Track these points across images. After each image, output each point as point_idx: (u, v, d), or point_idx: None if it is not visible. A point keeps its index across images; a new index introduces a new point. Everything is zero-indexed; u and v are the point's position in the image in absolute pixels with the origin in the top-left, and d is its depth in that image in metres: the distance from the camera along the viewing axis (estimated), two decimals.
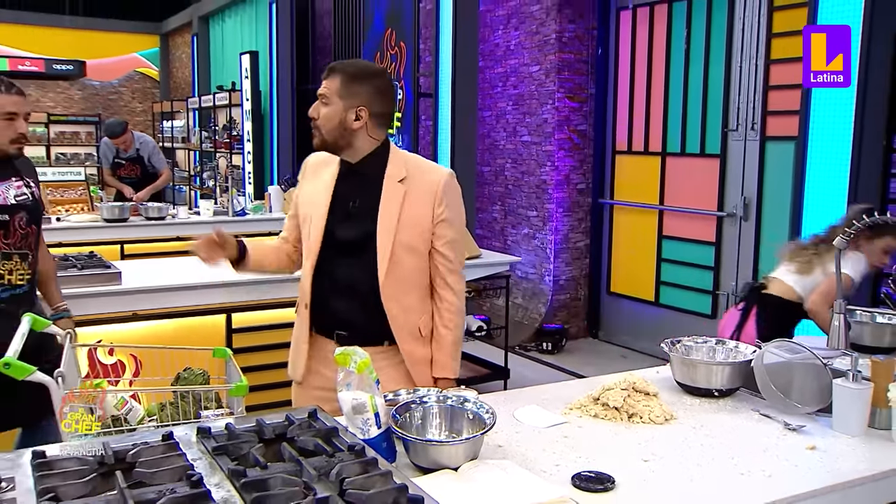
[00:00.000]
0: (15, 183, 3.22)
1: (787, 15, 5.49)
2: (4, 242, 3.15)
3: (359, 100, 2.56)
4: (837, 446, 2.14)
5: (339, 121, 2.57)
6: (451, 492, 1.69)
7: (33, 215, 3.25)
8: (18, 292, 3.19)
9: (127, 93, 18.37)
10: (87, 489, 1.55)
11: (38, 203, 3.31)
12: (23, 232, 3.20)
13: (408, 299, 2.64)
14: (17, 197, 3.20)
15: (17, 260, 3.19)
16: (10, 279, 3.17)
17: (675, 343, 2.66)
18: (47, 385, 2.16)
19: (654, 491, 1.82)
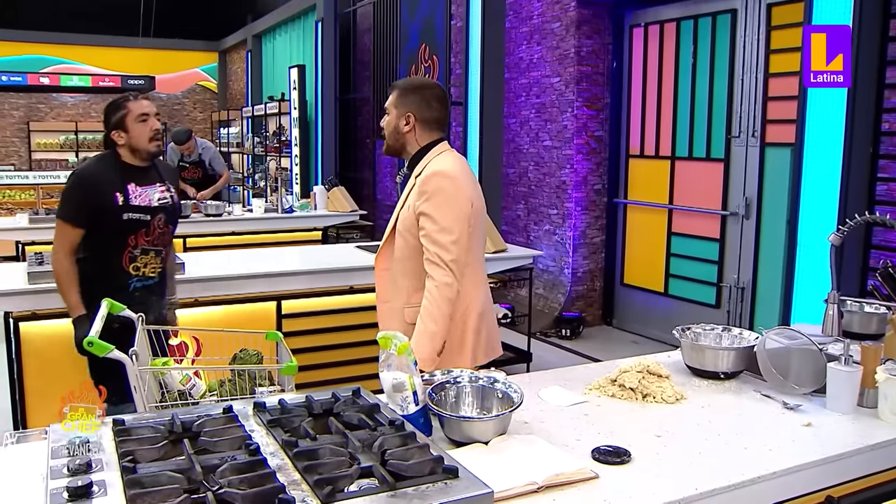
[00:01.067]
0: (159, 187, 3.38)
1: (784, 33, 5.44)
2: (145, 239, 3.32)
3: (407, 108, 2.72)
4: (830, 423, 2.12)
5: (394, 127, 2.75)
6: (483, 463, 1.69)
7: (170, 217, 3.42)
8: (149, 283, 3.36)
9: (189, 104, 18.51)
10: (160, 454, 1.58)
11: (175, 206, 3.48)
12: (160, 231, 3.36)
13: (402, 280, 2.73)
14: (159, 200, 3.35)
15: (153, 255, 3.35)
16: (144, 271, 3.34)
17: (685, 330, 2.64)
18: (123, 362, 2.19)
19: (666, 463, 1.81)
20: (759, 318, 5.71)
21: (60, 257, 3.28)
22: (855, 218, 2.50)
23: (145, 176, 3.34)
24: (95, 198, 3.22)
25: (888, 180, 4.48)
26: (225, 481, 1.41)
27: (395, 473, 1.46)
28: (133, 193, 3.27)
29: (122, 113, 3.27)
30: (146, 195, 3.31)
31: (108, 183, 3.24)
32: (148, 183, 3.34)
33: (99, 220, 3.24)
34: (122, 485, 1.42)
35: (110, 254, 3.29)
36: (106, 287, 3.18)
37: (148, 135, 3.28)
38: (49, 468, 1.51)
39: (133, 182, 3.28)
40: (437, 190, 2.61)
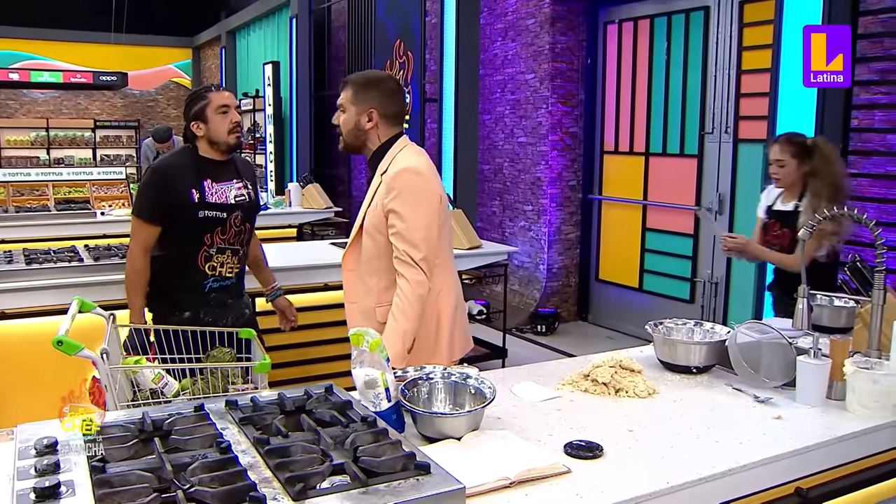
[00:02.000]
0: (236, 184, 3.25)
1: (755, 31, 5.49)
2: (221, 238, 3.18)
3: (368, 104, 2.66)
4: (800, 416, 2.14)
5: (353, 124, 2.67)
6: (455, 459, 1.69)
7: (248, 214, 3.27)
8: (227, 283, 3.23)
9: (163, 100, 18.36)
10: (130, 453, 1.56)
11: (253, 203, 3.32)
12: (237, 229, 3.22)
13: (370, 280, 2.70)
14: (236, 197, 3.22)
15: (229, 254, 3.22)
16: (221, 271, 3.21)
17: (657, 325, 2.66)
18: (94, 361, 2.17)
19: (638, 457, 1.82)
20: (733, 312, 5.76)
21: (135, 256, 3.16)
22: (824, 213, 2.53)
23: (223, 171, 3.22)
24: (170, 194, 3.09)
25: (858, 176, 4.53)
26: (196, 480, 1.40)
27: (366, 470, 1.46)
28: (209, 190, 3.14)
29: (202, 104, 3.16)
30: (223, 192, 3.18)
31: (183, 179, 3.11)
32: (225, 179, 3.21)
33: (174, 217, 3.11)
34: (91, 485, 1.41)
35: (185, 253, 3.15)
36: (180, 287, 3.15)
37: (227, 127, 3.16)
38: (16, 469, 1.49)
39: (210, 178, 3.16)
40: (405, 187, 2.58)
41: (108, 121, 17.20)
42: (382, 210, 2.60)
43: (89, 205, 8.16)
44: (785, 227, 3.64)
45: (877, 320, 2.35)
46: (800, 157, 3.57)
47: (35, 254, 4.18)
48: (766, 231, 3.77)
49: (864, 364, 2.18)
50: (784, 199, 3.70)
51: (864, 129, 4.53)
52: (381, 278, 2.66)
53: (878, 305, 2.35)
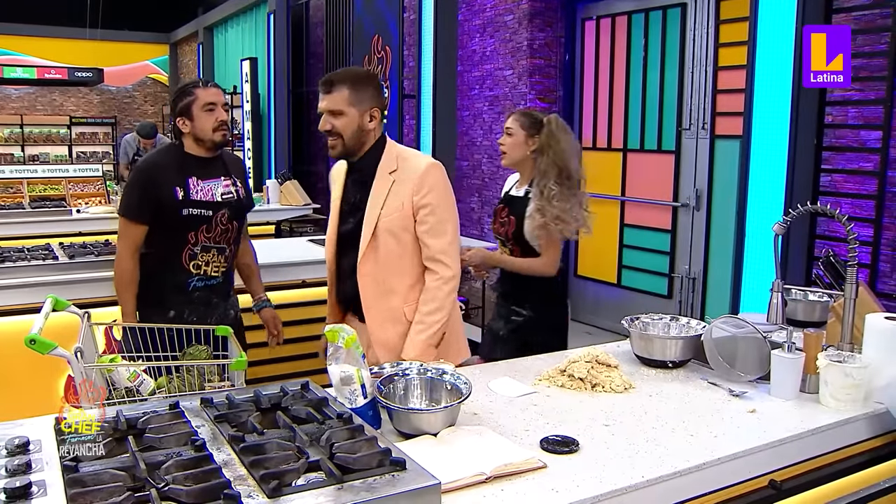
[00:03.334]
0: (223, 182, 3.19)
1: (731, 28, 5.52)
2: (206, 236, 3.13)
3: (370, 102, 2.59)
4: (774, 409, 2.17)
5: (357, 126, 2.58)
6: (431, 455, 1.70)
7: (235, 212, 3.21)
8: (212, 283, 3.17)
9: (140, 97, 18.23)
10: (103, 452, 1.55)
11: (241, 201, 3.26)
12: (223, 227, 3.16)
13: (391, 281, 2.63)
14: (223, 195, 3.16)
15: (215, 253, 3.17)
16: (206, 270, 3.16)
17: (633, 320, 2.68)
18: (68, 359, 2.15)
19: (614, 452, 1.84)
20: (710, 307, 5.80)
21: (122, 257, 3.12)
22: (798, 208, 2.55)
23: (209, 169, 3.17)
24: (154, 192, 3.06)
25: (832, 171, 4.57)
26: (170, 478, 1.40)
27: (342, 466, 1.46)
28: (194, 188, 3.10)
29: (188, 100, 3.12)
30: (209, 189, 3.14)
31: (167, 176, 3.08)
32: (212, 176, 3.16)
33: (158, 215, 3.08)
34: (63, 484, 1.40)
35: (170, 251, 3.11)
36: (165, 286, 3.11)
37: (213, 124, 3.11)
38: None
39: (195, 175, 3.11)
40: (437, 182, 2.58)
41: (84, 117, 17.06)
42: (412, 208, 2.56)
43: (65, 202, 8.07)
44: (512, 213, 3.34)
45: (849, 314, 2.38)
46: (528, 130, 3.27)
47: (8, 252, 4.13)
48: (495, 218, 3.50)
49: (837, 357, 2.21)
50: (519, 185, 3.43)
51: (837, 125, 4.57)
52: (407, 276, 2.63)
53: (851, 299, 2.38)
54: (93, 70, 16.40)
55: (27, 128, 16.34)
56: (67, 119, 16.79)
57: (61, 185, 13.72)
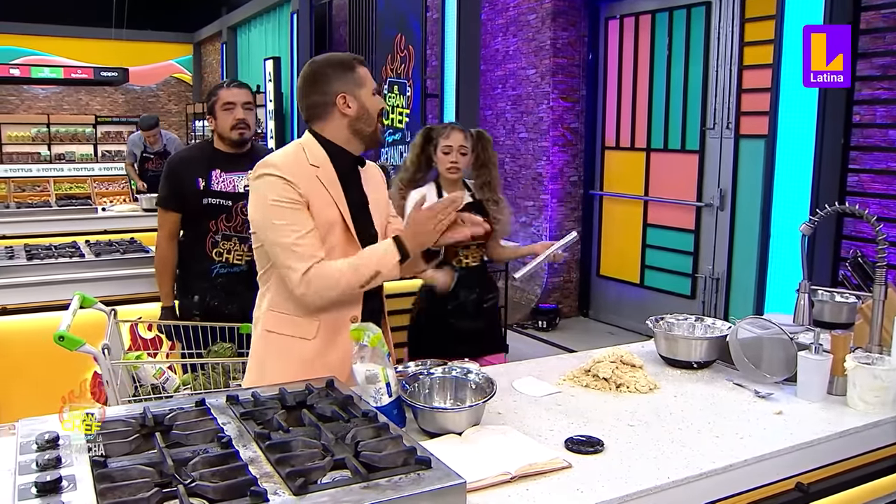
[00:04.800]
0: (246, 174, 3.30)
1: (757, 26, 5.47)
2: (226, 225, 3.33)
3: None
4: (801, 411, 2.14)
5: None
6: (456, 454, 1.69)
7: None
8: (235, 270, 3.34)
9: (164, 96, 18.37)
10: (131, 448, 1.56)
11: None
12: (244, 217, 3.30)
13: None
14: (245, 187, 3.31)
15: (236, 242, 3.34)
16: (228, 258, 3.35)
17: (658, 320, 2.66)
18: (95, 356, 2.17)
19: (639, 452, 1.82)
20: (734, 308, 5.76)
21: (159, 244, 3.46)
22: (825, 208, 2.52)
23: (235, 163, 3.35)
24: (178, 182, 3.34)
25: (859, 171, 4.53)
26: (197, 474, 1.40)
27: (367, 465, 1.46)
28: (216, 179, 3.32)
29: (213, 100, 3.38)
30: (231, 181, 3.33)
31: (192, 168, 3.34)
32: (237, 170, 3.34)
33: (184, 205, 3.35)
34: (92, 479, 1.41)
35: (195, 238, 3.36)
36: (191, 272, 3.38)
37: (230, 123, 3.32)
38: (17, 463, 1.49)
39: (219, 168, 3.33)
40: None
41: (109, 117, 17.20)
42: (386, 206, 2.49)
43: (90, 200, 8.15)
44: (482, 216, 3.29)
45: (878, 316, 2.35)
46: (473, 146, 3.38)
47: (36, 249, 4.18)
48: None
49: (866, 359, 2.18)
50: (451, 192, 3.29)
51: (865, 124, 4.52)
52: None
53: (880, 301, 2.35)
54: (118, 70, 16.58)
55: (54, 127, 16.50)
56: (93, 118, 16.93)
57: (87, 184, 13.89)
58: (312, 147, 2.26)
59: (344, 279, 2.10)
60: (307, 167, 2.21)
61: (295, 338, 2.22)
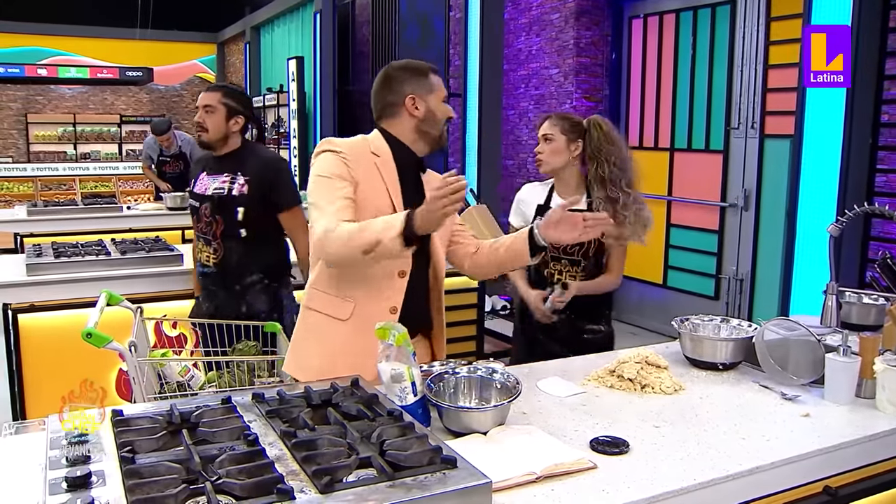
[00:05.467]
0: (222, 178, 3.34)
1: (783, 25, 5.43)
2: (196, 226, 3.42)
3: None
4: (829, 414, 2.12)
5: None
6: (481, 453, 1.69)
7: (218, 208, 3.31)
8: (207, 271, 3.37)
9: (188, 95, 18.47)
10: (158, 444, 1.57)
11: (232, 198, 3.30)
12: (206, 220, 3.33)
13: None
14: (214, 189, 3.31)
15: (203, 244, 3.38)
16: (200, 258, 3.43)
17: (683, 321, 2.64)
18: (122, 353, 2.19)
19: (664, 454, 1.81)
20: (758, 309, 5.71)
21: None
22: (854, 209, 2.50)
23: (220, 166, 3.38)
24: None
25: (888, 171, 4.47)
26: (223, 471, 1.41)
27: (393, 464, 1.46)
28: (199, 181, 3.40)
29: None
30: (206, 184, 3.36)
31: (196, 169, 3.50)
32: (217, 172, 3.37)
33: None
34: (121, 475, 1.42)
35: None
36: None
37: (195, 126, 3.39)
38: (48, 458, 1.51)
39: (206, 170, 3.41)
40: None
41: (134, 116, 17.36)
42: None
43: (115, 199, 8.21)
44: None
45: None
46: (569, 136, 3.00)
47: (63, 247, 4.23)
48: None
49: (895, 362, 2.16)
50: (563, 194, 3.04)
51: (894, 124, 4.47)
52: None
53: None
54: (143, 69, 16.71)
55: (79, 126, 16.68)
56: (118, 118, 17.10)
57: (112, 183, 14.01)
58: (377, 141, 2.36)
59: (351, 238, 2.07)
60: (368, 154, 2.31)
61: (329, 317, 2.29)
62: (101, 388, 1.77)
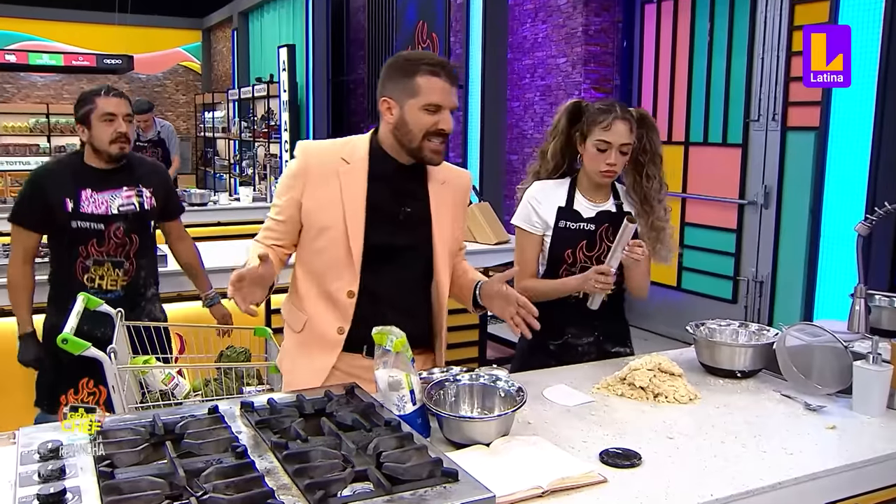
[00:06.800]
0: (125, 192, 3.24)
1: (808, 8, 5.42)
2: (97, 250, 3.19)
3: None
4: (857, 426, 2.11)
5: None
6: (484, 466, 1.69)
7: (134, 225, 3.26)
8: (111, 297, 3.13)
9: (171, 85, 18.50)
10: (140, 458, 1.57)
11: (144, 212, 3.30)
12: (118, 241, 3.22)
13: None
14: (120, 207, 3.21)
15: (109, 267, 3.22)
16: (101, 284, 3.21)
17: (699, 326, 2.64)
18: (101, 360, 2.19)
19: (679, 467, 1.81)
20: (779, 313, 5.72)
21: (14, 263, 3.25)
22: (885, 206, 2.50)
23: (109, 179, 3.22)
24: (44, 202, 3.16)
25: None
26: (210, 486, 1.41)
27: (391, 477, 1.46)
28: (85, 200, 3.16)
29: (87, 108, 3.18)
30: (103, 201, 3.18)
31: (60, 186, 3.16)
32: (111, 187, 3.21)
33: (49, 226, 3.21)
34: (99, 491, 1.42)
35: (64, 262, 3.22)
36: (64, 296, 3.09)
37: (110, 136, 3.15)
38: (18, 475, 1.50)
39: (90, 187, 3.18)
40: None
41: None
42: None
43: None
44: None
45: None
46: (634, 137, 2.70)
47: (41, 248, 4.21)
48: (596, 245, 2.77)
49: None
50: (591, 197, 2.79)
51: None
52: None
53: None
54: (122, 57, 16.68)
55: (53, 117, 16.61)
56: None
57: None
58: (360, 144, 2.31)
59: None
60: (335, 161, 2.26)
61: (288, 326, 2.40)
62: (101, 388, 1.78)
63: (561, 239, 2.74)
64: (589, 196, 2.78)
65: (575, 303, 2.73)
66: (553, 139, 2.85)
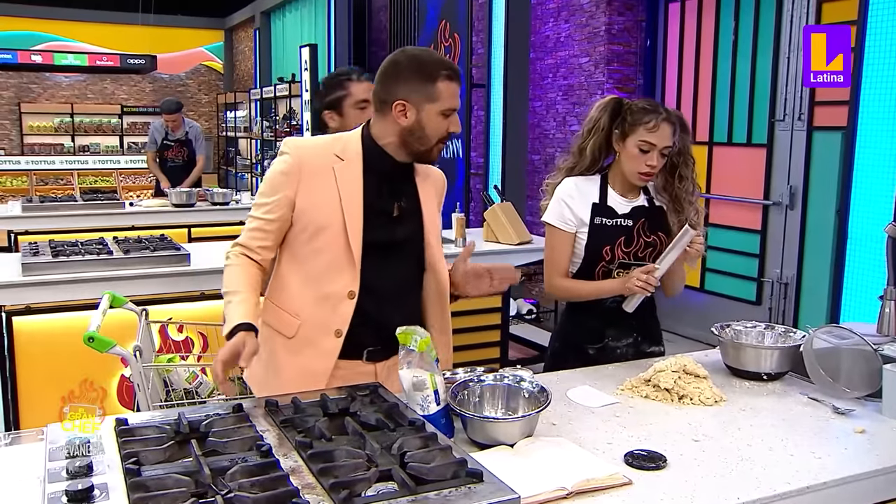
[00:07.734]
0: None
1: (835, 7, 5.37)
2: None
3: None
4: (887, 431, 2.09)
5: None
6: (508, 466, 1.69)
7: None
8: None
9: (193, 85, 18.59)
10: (165, 455, 1.59)
11: None
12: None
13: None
14: None
15: None
16: None
17: (724, 327, 2.63)
18: (126, 358, 2.21)
19: (705, 470, 1.80)
20: (804, 316, 5.67)
21: None
22: None
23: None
24: None
25: None
26: (235, 484, 1.42)
27: (415, 477, 1.46)
28: None
29: (339, 93, 3.04)
30: None
31: None
32: None
33: None
34: (126, 488, 1.44)
35: None
36: None
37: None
38: (46, 471, 1.52)
39: None
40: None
41: (136, 106, 17.46)
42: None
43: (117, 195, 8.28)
44: (659, 230, 2.78)
45: None
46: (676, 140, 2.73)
47: (62, 246, 4.26)
48: (634, 240, 2.76)
49: None
50: (624, 193, 2.79)
51: None
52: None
53: None
54: (145, 57, 16.80)
55: (77, 117, 16.78)
56: (119, 108, 17.21)
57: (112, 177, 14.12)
58: (352, 140, 2.26)
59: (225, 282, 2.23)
60: (329, 157, 2.22)
61: (276, 332, 2.27)
62: (101, 388, 1.80)
63: (598, 236, 2.74)
64: (621, 192, 2.78)
65: (614, 306, 2.71)
66: (593, 136, 2.79)
